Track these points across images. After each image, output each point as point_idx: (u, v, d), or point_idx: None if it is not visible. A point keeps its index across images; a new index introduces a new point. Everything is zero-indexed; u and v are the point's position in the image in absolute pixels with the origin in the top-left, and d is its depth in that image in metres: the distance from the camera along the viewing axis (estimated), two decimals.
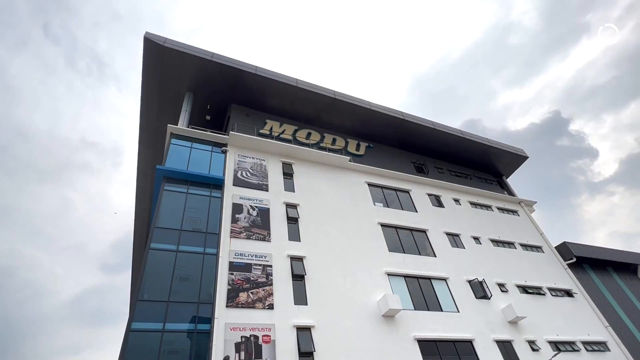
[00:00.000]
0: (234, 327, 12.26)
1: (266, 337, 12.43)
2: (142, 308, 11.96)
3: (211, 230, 15.01)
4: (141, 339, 11.37)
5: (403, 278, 16.92)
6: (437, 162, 27.08)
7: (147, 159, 23.16)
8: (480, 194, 25.20)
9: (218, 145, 18.68)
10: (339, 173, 20.83)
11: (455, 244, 20.25)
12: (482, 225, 22.55)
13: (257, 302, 13.24)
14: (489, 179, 29.06)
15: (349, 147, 23.55)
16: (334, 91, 22.60)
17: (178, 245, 13.99)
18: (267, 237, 15.55)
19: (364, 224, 18.59)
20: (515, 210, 25.79)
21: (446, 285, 17.59)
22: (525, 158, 29.03)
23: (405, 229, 19.66)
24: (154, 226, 14.23)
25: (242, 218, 15.81)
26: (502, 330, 16.72)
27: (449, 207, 22.77)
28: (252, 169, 18.25)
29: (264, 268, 14.37)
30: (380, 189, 21.49)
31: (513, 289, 19.17)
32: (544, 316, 18.53)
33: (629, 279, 25.01)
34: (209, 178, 16.70)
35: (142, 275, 12.69)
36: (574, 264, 22.81)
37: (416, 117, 25.03)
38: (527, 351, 16.41)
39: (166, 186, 15.86)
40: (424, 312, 15.88)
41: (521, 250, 22.37)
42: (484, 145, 27.22)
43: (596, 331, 19.25)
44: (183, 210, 15.31)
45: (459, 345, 15.30)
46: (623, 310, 22.01)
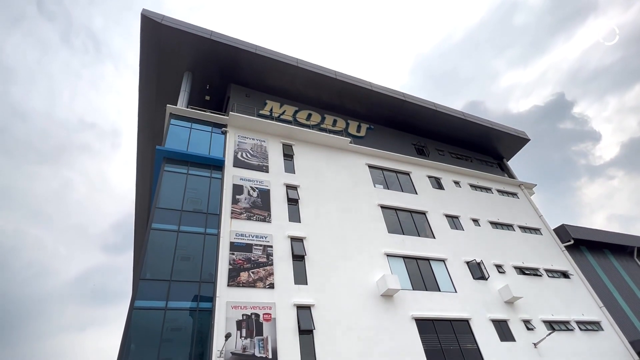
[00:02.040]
0: (235, 305, 12.49)
1: (267, 315, 12.67)
2: (144, 286, 12.15)
3: (212, 211, 15.09)
4: (144, 316, 11.60)
5: (402, 259, 17.12)
6: (437, 144, 26.97)
7: (146, 140, 23.05)
8: (481, 177, 25.21)
9: (218, 126, 18.55)
10: (339, 154, 20.77)
11: (454, 225, 20.40)
12: (481, 208, 22.65)
13: (257, 282, 13.45)
14: (490, 161, 29.01)
15: (350, 128, 23.39)
16: (334, 71, 22.27)
17: (179, 226, 14.09)
18: (267, 218, 15.64)
19: (364, 206, 18.66)
20: (515, 193, 25.85)
21: (444, 266, 17.82)
22: (526, 140, 28.88)
23: (405, 210, 19.76)
24: (154, 207, 14.29)
25: (242, 199, 15.86)
26: (498, 310, 17.04)
27: (449, 189, 22.82)
28: (253, 150, 18.19)
29: (264, 248, 14.52)
30: (380, 171, 21.47)
31: (510, 270, 19.44)
32: (540, 296, 18.85)
33: (626, 261, 25.32)
34: (209, 159, 16.66)
35: (144, 255, 12.84)
36: (571, 246, 23.05)
37: (417, 99, 24.76)
38: (522, 330, 16.77)
39: (166, 167, 15.84)
40: (422, 292, 16.14)
41: (520, 233, 22.55)
42: (486, 128, 27.03)
43: (590, 311, 19.62)
44: (183, 191, 15.35)
45: (456, 325, 15.62)
46: (618, 292, 22.38)
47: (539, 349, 16.27)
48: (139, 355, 11.08)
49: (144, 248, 13.05)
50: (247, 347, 11.72)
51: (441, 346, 14.61)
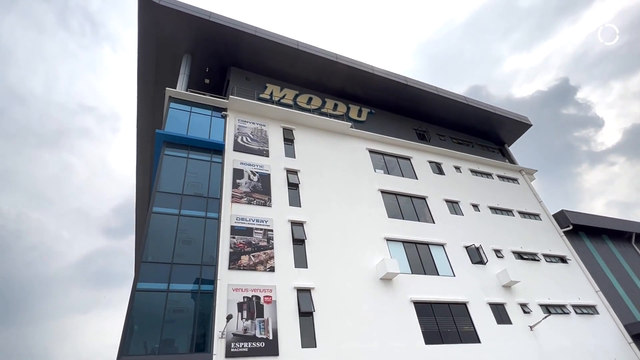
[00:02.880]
0: (237, 288, 12.67)
1: (267, 297, 12.86)
2: (146, 269, 12.29)
3: (212, 195, 15.12)
4: (147, 298, 11.77)
5: (401, 243, 17.25)
6: (439, 129, 26.81)
7: (146, 124, 22.91)
8: (482, 162, 25.17)
9: (218, 110, 18.41)
10: (340, 139, 20.67)
11: (454, 210, 20.47)
12: (481, 193, 22.69)
13: (258, 265, 13.59)
14: (491, 146, 28.90)
15: (351, 113, 23.21)
16: (336, 54, 21.95)
17: (180, 210, 14.15)
18: (267, 202, 15.69)
19: (364, 190, 18.69)
20: (515, 179, 25.85)
21: (443, 250, 17.97)
22: (528, 126, 28.70)
23: (405, 195, 19.80)
24: (155, 190, 14.32)
25: (242, 183, 15.88)
26: (496, 294, 17.28)
27: (450, 174, 22.81)
28: (253, 134, 18.10)
29: (265, 232, 14.62)
30: (381, 156, 21.41)
31: (509, 255, 19.61)
32: (537, 281, 19.08)
33: (623, 246, 25.50)
34: (209, 143, 16.60)
35: (146, 238, 12.94)
36: (570, 232, 23.19)
37: (419, 82, 24.48)
38: (519, 313, 17.04)
39: (166, 151, 15.80)
40: (421, 275, 16.33)
41: (519, 218, 22.66)
42: (488, 112, 26.82)
43: (587, 295, 19.89)
44: (184, 175, 15.35)
45: (454, 307, 15.87)
46: (614, 276, 22.63)
47: (534, 332, 16.57)
48: (142, 336, 11.30)
49: (145, 231, 13.14)
50: (248, 328, 11.94)
51: (439, 328, 14.88)
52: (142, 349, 10.98)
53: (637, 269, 24.29)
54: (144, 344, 11.17)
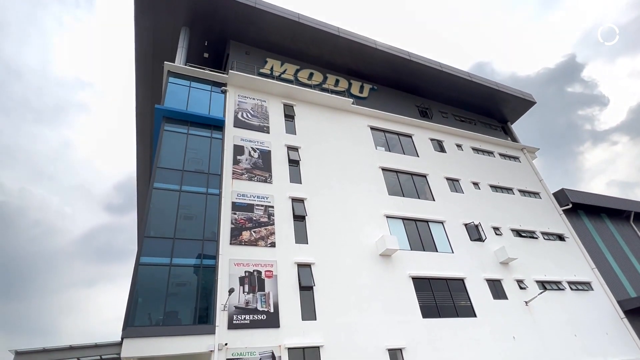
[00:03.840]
0: (238, 262, 12.87)
1: (268, 272, 13.09)
2: (149, 244, 12.45)
3: (213, 172, 15.12)
4: (150, 272, 11.98)
5: (401, 220, 17.38)
6: (441, 107, 26.48)
7: (145, 99, 22.62)
8: (483, 140, 25.00)
9: (217, 85, 18.12)
10: (341, 116, 20.46)
11: (454, 188, 20.51)
12: (482, 171, 22.66)
13: (259, 240, 13.76)
14: (494, 124, 28.63)
15: (352, 89, 22.85)
16: (337, 28, 21.38)
17: (181, 186, 14.18)
18: (268, 179, 15.70)
19: (365, 168, 18.66)
20: (517, 157, 25.75)
21: (443, 228, 18.13)
22: (532, 103, 28.32)
23: (406, 173, 19.78)
24: (156, 166, 14.30)
25: (243, 160, 15.84)
26: (493, 270, 17.56)
27: (451, 152, 22.70)
28: (253, 110, 17.90)
29: (265, 209, 14.71)
30: (382, 133, 21.25)
31: (507, 233, 19.80)
32: (535, 258, 19.35)
33: (621, 225, 25.70)
34: (209, 119, 16.44)
35: (148, 214, 13.03)
36: (569, 210, 23.31)
37: (423, 58, 23.97)
38: (515, 289, 17.38)
39: (166, 126, 15.67)
40: (420, 252, 16.55)
41: (519, 196, 22.73)
42: (492, 89, 26.40)
43: (582, 272, 20.22)
44: (184, 151, 15.29)
45: (451, 283, 16.17)
46: (611, 254, 22.93)
47: (529, 307, 16.95)
48: (146, 308, 11.58)
49: (147, 207, 13.22)
50: (250, 301, 12.22)
51: (436, 303, 15.22)
52: (146, 320, 11.29)
53: (634, 246, 24.58)
54: (149, 316, 11.47)
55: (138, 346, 10.43)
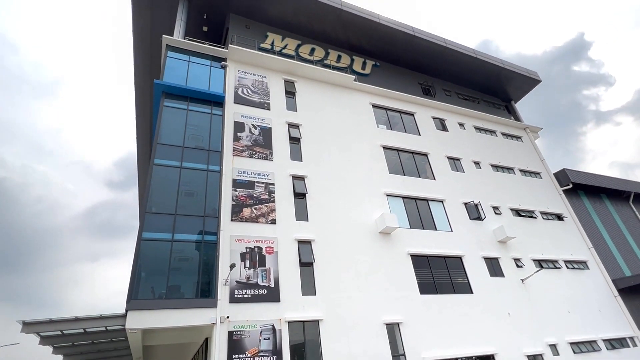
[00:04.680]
0: (239, 239, 13.02)
1: (269, 248, 13.26)
2: (150, 219, 12.56)
3: (214, 148, 15.06)
4: (152, 247, 12.14)
5: (401, 199, 17.45)
6: (445, 84, 26.06)
7: (144, 74, 22.24)
8: (486, 119, 24.75)
9: (217, 60, 17.78)
10: (343, 93, 20.17)
11: (455, 167, 20.48)
12: (484, 150, 22.55)
13: (260, 217, 13.86)
14: (497, 103, 28.26)
15: (355, 65, 22.42)
16: (340, 1, 20.75)
17: (181, 162, 14.16)
18: (269, 156, 15.65)
19: (366, 146, 18.57)
20: (519, 136, 25.57)
21: (442, 206, 18.21)
22: (537, 82, 27.86)
23: (407, 152, 19.70)
24: (156, 142, 14.24)
25: (244, 137, 15.74)
26: (491, 249, 17.77)
27: (453, 131, 22.51)
28: (253, 86, 17.63)
29: (266, 186, 14.75)
30: (384, 111, 21.01)
31: (506, 212, 19.91)
32: (533, 237, 19.54)
33: (620, 205, 25.81)
34: (209, 95, 16.22)
35: (149, 190, 13.08)
36: (569, 190, 23.36)
37: (427, 34, 23.39)
38: (512, 267, 17.65)
39: (166, 102, 15.50)
40: (419, 230, 16.71)
41: (520, 176, 22.71)
42: (497, 67, 25.91)
43: (579, 252, 20.47)
44: (184, 127, 15.18)
45: (449, 261, 16.40)
46: (608, 234, 23.14)
47: (525, 285, 17.26)
48: (149, 282, 11.81)
49: (147, 183, 13.25)
50: (251, 276, 12.44)
51: (434, 279, 15.49)
52: (149, 293, 11.53)
53: (631, 227, 24.78)
54: (152, 290, 11.71)
55: (142, 318, 10.70)
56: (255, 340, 11.35)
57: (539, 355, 15.36)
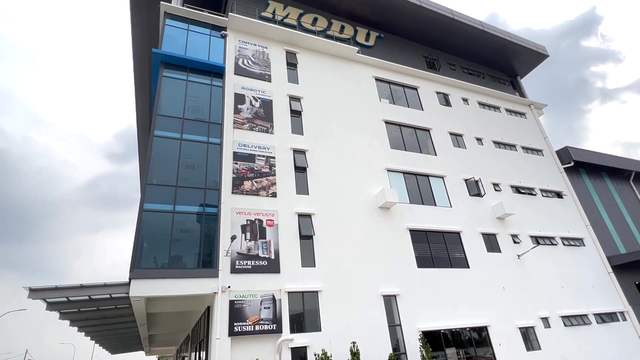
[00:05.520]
0: (240, 211, 13.12)
1: (270, 221, 13.39)
2: (152, 191, 12.62)
3: (214, 120, 14.91)
4: (154, 218, 12.27)
5: (402, 174, 17.45)
6: (450, 58, 25.47)
7: (142, 44, 21.64)
8: (491, 94, 24.34)
9: (217, 29, 17.29)
10: (345, 65, 19.74)
11: (457, 143, 20.34)
12: (487, 127, 22.34)
13: (261, 190, 13.91)
14: (503, 78, 27.72)
15: (358, 36, 21.82)
16: None
17: (182, 134, 14.07)
18: (270, 129, 15.52)
19: (368, 120, 18.37)
20: (523, 113, 25.24)
21: (443, 182, 18.24)
22: (545, 57, 27.18)
23: (409, 127, 19.52)
24: (156, 114, 14.09)
25: (244, 109, 15.55)
26: (489, 225, 17.95)
27: (457, 106, 22.20)
28: (254, 57, 17.24)
29: (267, 159, 14.71)
30: (387, 85, 20.65)
31: (506, 189, 19.96)
32: (531, 214, 19.69)
33: (621, 184, 25.83)
34: (208, 65, 15.89)
35: (149, 162, 13.06)
36: (570, 168, 23.31)
37: (434, 4, 22.61)
38: (509, 243, 17.89)
39: (165, 72, 15.21)
40: (419, 205, 16.81)
41: (522, 153, 22.60)
42: (504, 40, 25.22)
43: (576, 229, 20.68)
44: (184, 99, 14.98)
45: (447, 236, 16.60)
46: (606, 212, 23.30)
47: (521, 260, 17.55)
48: (151, 253, 12.01)
49: (148, 155, 13.21)
50: (252, 248, 12.63)
51: (431, 254, 15.74)
52: (152, 263, 11.75)
53: (630, 205, 24.90)
54: (154, 260, 11.92)
55: (145, 287, 10.96)
56: (256, 309, 11.67)
57: (530, 327, 15.84)
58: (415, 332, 13.35)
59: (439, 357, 13.48)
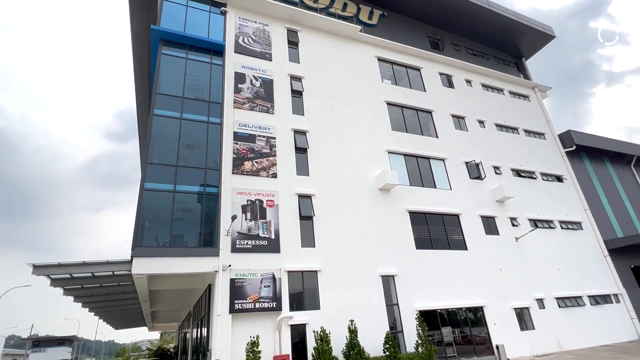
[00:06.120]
0: (240, 191, 13.16)
1: (270, 201, 13.46)
2: (152, 170, 12.62)
3: (214, 100, 14.76)
4: (155, 197, 12.32)
5: (402, 156, 17.40)
6: (455, 38, 24.97)
7: (141, 20, 21.15)
8: (494, 76, 23.98)
9: (216, 5, 16.89)
10: (348, 44, 19.37)
11: (459, 126, 20.19)
12: (489, 109, 22.11)
13: (261, 171, 13.92)
14: (507, 59, 27.27)
15: (361, 14, 21.32)
16: None
17: (182, 113, 13.95)
18: (270, 109, 15.38)
19: (370, 101, 18.18)
20: (527, 95, 24.94)
21: (443, 165, 18.21)
22: (551, 37, 26.65)
23: (411, 108, 19.33)
24: (155, 92, 13.94)
25: (245, 88, 15.36)
26: (489, 208, 18.02)
27: (460, 88, 21.91)
28: (255, 35, 16.90)
29: (267, 140, 14.64)
30: (390, 65, 20.32)
31: (507, 172, 19.94)
32: (531, 197, 19.74)
33: (621, 168, 25.80)
34: (208, 43, 15.61)
35: (149, 141, 13.01)
36: (572, 152, 23.23)
37: None
38: (508, 226, 18.02)
39: (164, 50, 14.95)
40: (419, 188, 16.84)
41: (524, 136, 22.47)
42: (510, 20, 24.66)
43: (575, 213, 20.78)
44: (184, 77, 14.78)
45: (446, 218, 16.71)
46: (606, 196, 23.36)
47: (519, 243, 17.72)
48: (153, 231, 12.12)
49: (148, 134, 13.15)
50: (252, 228, 12.74)
51: (430, 236, 15.89)
52: (154, 242, 11.88)
53: (630, 190, 24.95)
54: (156, 238, 12.04)
55: (147, 264, 11.12)
56: (256, 287, 11.88)
57: (525, 308, 16.15)
58: (412, 312, 13.62)
59: (434, 335, 13.81)
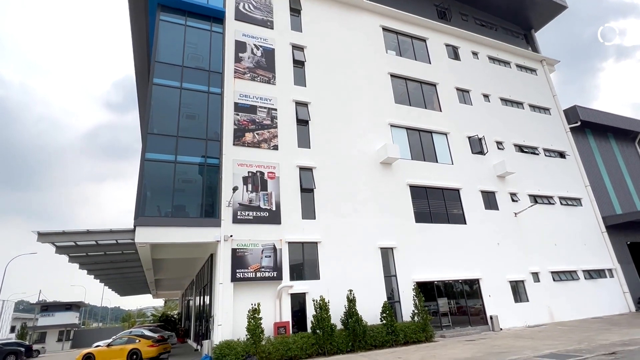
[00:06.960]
0: (241, 163, 13.15)
1: (271, 173, 13.47)
2: (153, 140, 12.56)
3: (214, 69, 14.47)
4: (156, 168, 12.34)
5: (405, 130, 17.24)
6: (462, 7, 24.09)
7: None
8: (502, 48, 23.31)
9: None
10: (351, 13, 18.74)
11: (463, 100, 19.86)
12: (495, 83, 21.66)
13: (262, 143, 13.84)
14: (516, 31, 26.42)
15: None
16: None
17: (181, 83, 13.72)
18: (272, 80, 15.10)
19: (373, 73, 17.80)
20: (534, 69, 24.35)
21: (446, 139, 18.06)
22: (563, 8, 25.69)
23: (415, 81, 18.95)
24: (154, 60, 13.64)
25: (245, 58, 15.01)
26: (489, 183, 18.04)
27: (466, 60, 21.36)
28: (256, 2, 16.33)
29: (268, 111, 14.46)
30: (395, 35, 19.74)
31: (510, 147, 19.79)
32: (532, 173, 19.70)
33: (625, 145, 25.60)
34: (207, 9, 15.11)
35: (149, 111, 12.87)
36: (576, 128, 22.95)
37: None
38: (507, 201, 18.10)
39: (162, 16, 14.51)
40: (420, 162, 16.79)
41: (528, 111, 22.13)
42: None
43: (575, 189, 20.80)
44: (183, 45, 14.42)
45: (447, 193, 16.76)
46: (607, 173, 23.31)
47: (518, 218, 17.86)
48: (155, 202, 12.23)
49: (148, 104, 13.00)
50: (253, 199, 12.83)
51: (430, 210, 16.00)
52: (156, 211, 12.00)
53: (632, 167, 24.86)
54: (158, 208, 12.16)
55: (149, 234, 11.29)
56: (257, 257, 12.10)
57: (520, 281, 16.51)
58: (410, 283, 13.94)
59: (430, 306, 14.20)
